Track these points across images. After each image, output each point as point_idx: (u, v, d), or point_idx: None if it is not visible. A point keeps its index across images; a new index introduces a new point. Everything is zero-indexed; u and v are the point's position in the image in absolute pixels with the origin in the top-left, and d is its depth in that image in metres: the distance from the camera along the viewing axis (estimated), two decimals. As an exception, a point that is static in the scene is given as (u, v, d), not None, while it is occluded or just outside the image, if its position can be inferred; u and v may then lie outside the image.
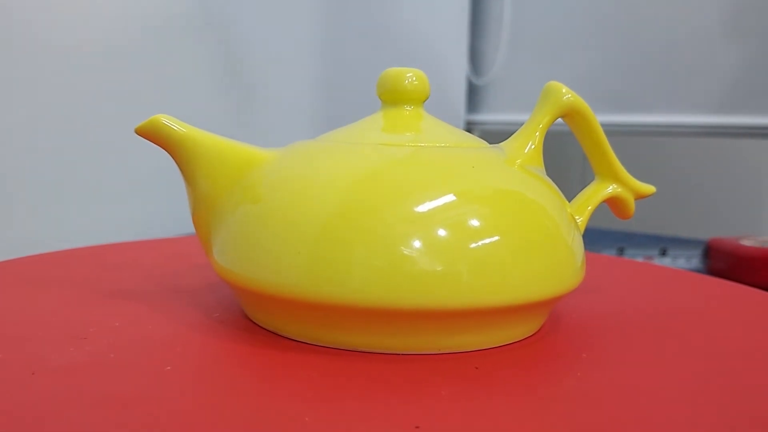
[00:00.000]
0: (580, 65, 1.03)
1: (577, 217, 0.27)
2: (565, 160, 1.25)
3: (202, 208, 0.25)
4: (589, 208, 0.27)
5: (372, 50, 0.95)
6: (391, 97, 0.26)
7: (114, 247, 0.39)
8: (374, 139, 0.24)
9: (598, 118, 0.27)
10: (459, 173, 0.23)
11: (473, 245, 0.21)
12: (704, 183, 1.25)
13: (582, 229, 0.27)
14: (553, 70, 1.06)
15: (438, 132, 0.25)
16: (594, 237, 0.68)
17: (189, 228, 0.65)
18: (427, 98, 0.27)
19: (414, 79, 0.26)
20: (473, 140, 0.26)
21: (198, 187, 0.24)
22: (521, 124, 0.27)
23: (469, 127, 1.13)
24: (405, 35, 1.00)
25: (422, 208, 0.21)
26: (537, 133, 0.26)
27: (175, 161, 0.24)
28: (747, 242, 0.55)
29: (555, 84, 0.26)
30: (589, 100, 0.27)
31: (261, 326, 0.24)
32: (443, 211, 0.21)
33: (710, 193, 1.24)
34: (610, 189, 0.28)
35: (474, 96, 1.13)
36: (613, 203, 0.28)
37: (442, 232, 0.21)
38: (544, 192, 0.24)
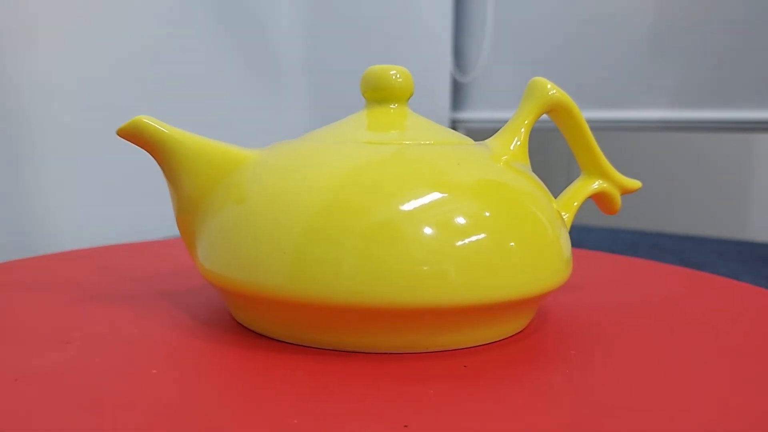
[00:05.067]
0: (564, 63, 1.04)
1: (563, 213, 0.27)
2: (551, 156, 1.26)
3: (185, 209, 0.24)
4: (576, 204, 0.27)
5: (356, 48, 0.95)
6: (375, 95, 0.26)
7: (98, 251, 0.39)
8: (358, 138, 0.24)
9: (583, 115, 0.27)
10: (444, 171, 0.23)
11: (459, 243, 0.21)
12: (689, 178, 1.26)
13: (568, 225, 0.27)
14: (537, 68, 1.06)
15: (423, 129, 0.25)
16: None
17: (174, 230, 0.64)
18: (411, 95, 0.26)
19: (398, 76, 0.26)
20: (458, 137, 0.26)
21: (181, 188, 0.24)
22: (506, 122, 0.27)
23: (454, 126, 1.14)
24: (389, 33, 1.00)
25: (407, 206, 0.21)
26: (522, 130, 0.26)
27: (158, 162, 0.24)
28: None
29: (540, 80, 0.26)
30: (573, 98, 0.27)
31: (248, 328, 0.24)
32: (428, 209, 0.21)
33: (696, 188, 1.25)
34: (596, 185, 0.28)
35: (459, 94, 1.14)
36: (599, 199, 0.28)
37: (427, 230, 0.21)
38: (530, 188, 0.24)
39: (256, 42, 0.80)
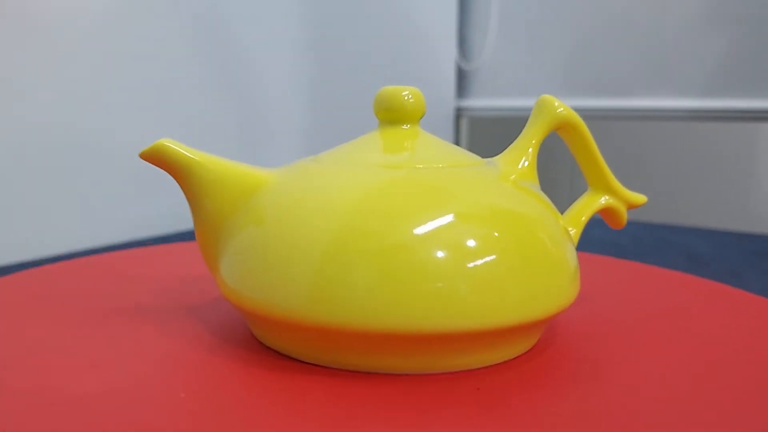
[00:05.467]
0: (569, 51, 1.04)
1: (570, 229, 0.28)
2: (555, 161, 1.25)
3: (207, 231, 0.25)
4: (583, 219, 0.28)
5: (361, 37, 0.95)
6: (388, 116, 0.26)
7: (110, 257, 0.39)
8: (373, 161, 0.25)
9: (586, 103, 0.28)
10: (455, 196, 0.23)
11: (471, 267, 0.22)
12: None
13: (576, 241, 0.28)
14: (541, 56, 1.06)
15: (434, 151, 0.26)
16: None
17: (182, 226, 0.65)
18: (423, 115, 0.27)
19: (410, 97, 0.26)
20: (468, 158, 0.27)
21: (203, 210, 0.25)
22: (510, 110, 0.27)
23: (459, 113, 1.14)
24: (394, 22, 0.99)
25: (420, 230, 0.22)
26: (530, 149, 0.27)
27: (180, 185, 0.25)
28: None
29: (548, 98, 0.27)
30: (577, 86, 0.28)
31: (267, 346, 0.25)
32: (441, 234, 0.22)
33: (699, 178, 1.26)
34: (603, 200, 0.28)
35: (463, 82, 1.14)
36: (605, 213, 0.29)
37: (440, 255, 0.22)
38: (539, 209, 0.25)
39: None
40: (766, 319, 0.29)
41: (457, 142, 1.15)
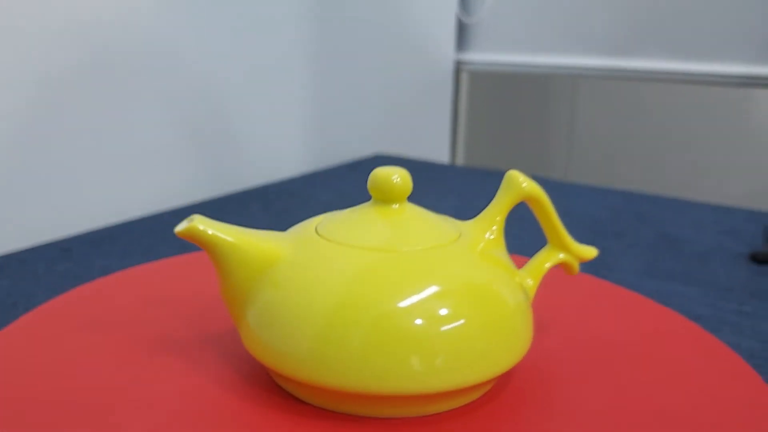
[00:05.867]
0: (569, 5, 1.05)
1: (529, 280, 0.32)
2: (552, 110, 1.28)
3: (231, 295, 0.30)
4: (542, 272, 0.33)
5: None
6: (380, 195, 0.31)
7: (126, 275, 0.44)
8: (365, 243, 0.29)
9: (585, 61, 0.32)
10: (431, 274, 0.28)
11: (443, 334, 0.27)
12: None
13: (534, 291, 0.33)
14: (542, 10, 1.08)
15: (417, 232, 0.30)
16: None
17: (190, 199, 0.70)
18: (410, 192, 0.31)
19: (398, 179, 0.30)
20: (445, 235, 0.31)
21: (228, 280, 0.29)
22: (509, 65, 0.31)
23: (459, 67, 1.16)
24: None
25: (402, 304, 0.27)
26: (498, 219, 0.31)
27: (209, 256, 0.30)
28: None
29: (514, 173, 0.31)
30: (578, 41, 0.31)
31: (282, 387, 0.31)
32: (418, 307, 0.27)
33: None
34: (561, 256, 0.33)
35: (464, 35, 1.15)
36: (562, 266, 0.34)
37: (418, 323, 0.27)
38: (501, 277, 0.30)
39: None
40: (709, 355, 0.35)
41: (456, 97, 1.18)
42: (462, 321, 0.27)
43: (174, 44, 0.69)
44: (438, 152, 1.16)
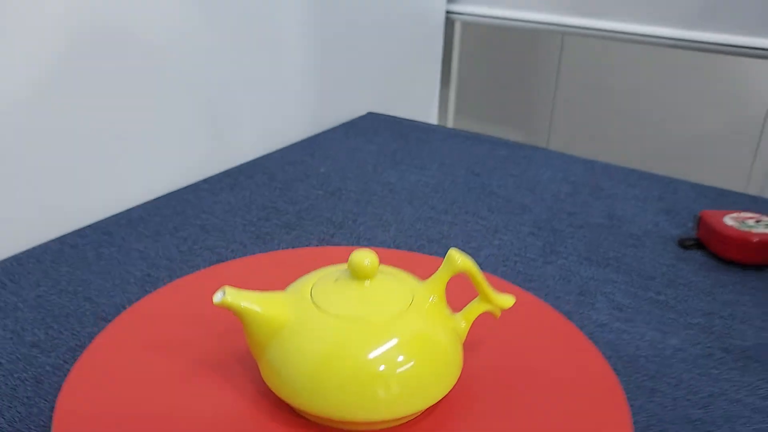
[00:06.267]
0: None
1: (462, 322, 0.43)
2: (536, 84, 1.34)
3: (252, 344, 0.40)
4: (473, 317, 0.43)
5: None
6: (356, 273, 0.41)
7: (177, 287, 0.55)
8: (345, 312, 0.39)
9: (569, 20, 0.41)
10: (390, 332, 0.38)
11: (401, 376, 0.37)
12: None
13: (466, 332, 0.43)
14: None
15: (382, 301, 0.40)
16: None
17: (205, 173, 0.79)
18: (377, 269, 0.41)
19: (369, 262, 0.41)
20: (404, 299, 0.40)
21: (250, 335, 0.40)
22: (498, 18, 0.41)
23: (449, 17, 1.22)
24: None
25: (371, 355, 0.38)
26: (440, 285, 0.42)
27: (238, 317, 0.40)
28: (729, 221, 0.66)
29: (453, 252, 0.42)
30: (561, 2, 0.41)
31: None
32: (383, 358, 0.38)
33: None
34: (487, 307, 0.44)
35: (454, -12, 1.20)
36: (488, 312, 0.45)
37: (382, 370, 0.37)
38: (441, 329, 0.40)
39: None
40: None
41: (449, 47, 1.24)
42: (412, 363, 0.38)
43: (174, 27, 0.74)
44: (428, 107, 1.24)
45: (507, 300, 0.44)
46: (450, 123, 1.37)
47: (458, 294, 0.50)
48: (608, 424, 0.40)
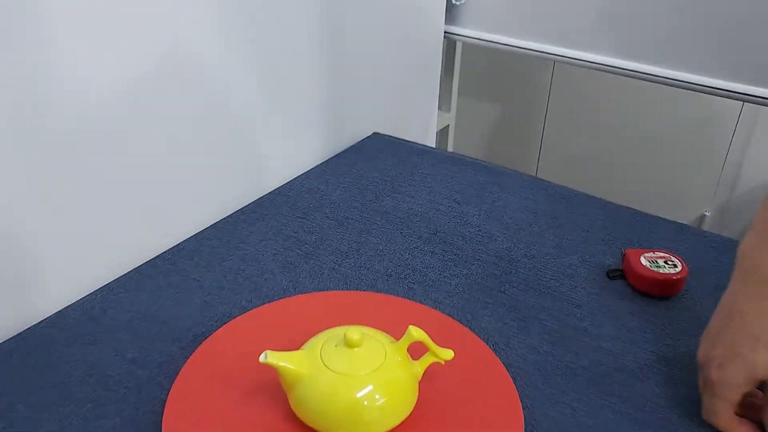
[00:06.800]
0: None
1: (418, 368, 0.64)
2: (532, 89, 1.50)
3: (285, 387, 0.62)
4: (425, 366, 0.65)
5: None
6: (349, 343, 0.61)
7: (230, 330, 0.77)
8: (342, 370, 0.59)
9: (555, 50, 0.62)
10: (371, 381, 0.58)
11: (378, 407, 0.58)
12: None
13: (420, 376, 0.65)
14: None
15: (367, 361, 0.60)
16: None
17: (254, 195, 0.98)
18: (362, 342, 0.63)
19: (357, 337, 0.61)
20: (380, 357, 0.61)
21: (283, 381, 0.62)
22: (493, 42, 0.61)
23: (447, 37, 1.38)
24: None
25: (359, 395, 0.58)
26: (404, 348, 0.63)
27: (276, 370, 0.62)
28: (644, 261, 0.85)
29: (412, 328, 0.63)
30: (549, 32, 0.58)
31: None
32: (366, 397, 0.58)
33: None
34: (435, 358, 0.65)
35: (451, 13, 1.36)
36: (435, 362, 0.66)
37: (366, 404, 0.58)
38: (405, 375, 0.61)
39: None
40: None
41: (451, 62, 1.40)
42: (384, 399, 0.60)
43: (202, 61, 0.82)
44: (428, 127, 1.40)
45: (448, 353, 0.66)
46: (451, 123, 1.55)
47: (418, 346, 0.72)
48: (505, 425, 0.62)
